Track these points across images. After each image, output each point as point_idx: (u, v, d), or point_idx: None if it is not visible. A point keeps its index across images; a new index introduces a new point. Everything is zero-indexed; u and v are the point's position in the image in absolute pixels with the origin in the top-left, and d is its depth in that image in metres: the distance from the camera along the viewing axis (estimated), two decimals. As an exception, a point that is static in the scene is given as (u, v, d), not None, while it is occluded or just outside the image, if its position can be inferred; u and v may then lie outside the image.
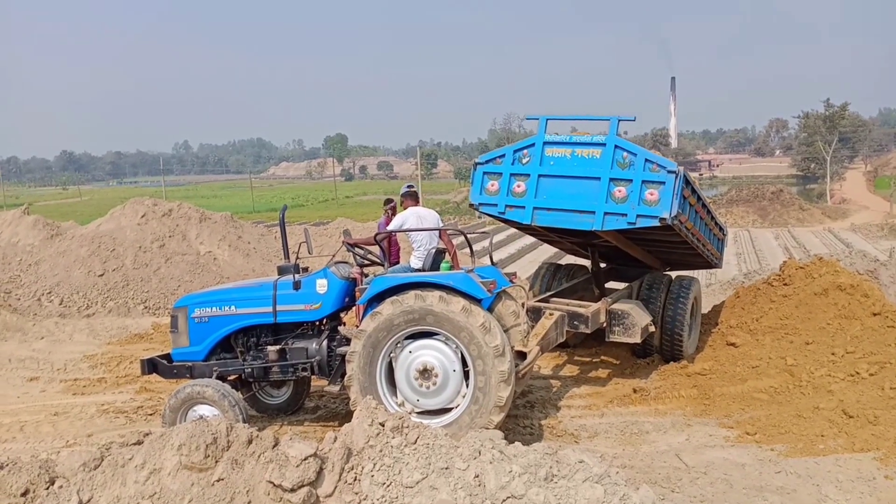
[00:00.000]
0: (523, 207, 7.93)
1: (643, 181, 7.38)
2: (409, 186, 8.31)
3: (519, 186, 7.96)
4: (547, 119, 7.97)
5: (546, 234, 9.46)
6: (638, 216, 7.39)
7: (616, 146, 7.53)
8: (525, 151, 8.01)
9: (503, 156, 8.15)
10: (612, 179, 7.50)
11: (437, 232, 7.79)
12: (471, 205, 8.46)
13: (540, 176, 7.85)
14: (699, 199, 8.23)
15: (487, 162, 8.23)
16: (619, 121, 7.70)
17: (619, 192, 7.46)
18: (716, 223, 9.40)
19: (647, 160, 7.41)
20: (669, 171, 7.28)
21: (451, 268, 6.82)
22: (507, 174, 8.04)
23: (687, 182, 7.54)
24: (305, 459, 3.95)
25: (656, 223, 7.34)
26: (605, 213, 7.52)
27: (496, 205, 8.11)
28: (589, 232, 7.89)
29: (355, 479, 4.02)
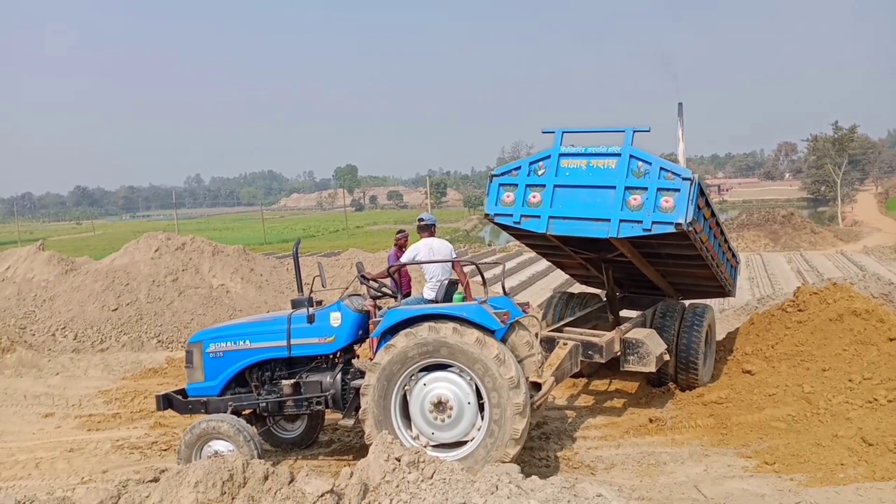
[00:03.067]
0: (538, 217, 8.03)
1: (658, 189, 7.46)
2: (420, 219, 8.36)
3: (534, 197, 8.07)
4: (563, 132, 8.15)
5: (558, 251, 9.45)
6: (653, 223, 7.45)
7: (631, 156, 7.65)
8: (541, 163, 8.14)
9: (519, 168, 8.30)
10: (627, 188, 7.59)
11: (449, 263, 7.82)
12: (486, 215, 8.63)
13: (556, 186, 7.96)
14: (713, 213, 8.28)
15: (504, 174, 8.37)
16: (634, 132, 7.81)
17: (635, 200, 7.54)
18: (728, 246, 9.40)
19: (661, 168, 7.51)
20: (684, 179, 7.37)
21: (464, 299, 6.82)
22: (522, 185, 8.17)
23: (701, 192, 7.60)
24: (322, 496, 3.96)
25: (672, 229, 7.39)
26: (621, 221, 7.59)
27: (511, 215, 8.23)
28: (603, 244, 7.92)
29: (372, 516, 4.01)
